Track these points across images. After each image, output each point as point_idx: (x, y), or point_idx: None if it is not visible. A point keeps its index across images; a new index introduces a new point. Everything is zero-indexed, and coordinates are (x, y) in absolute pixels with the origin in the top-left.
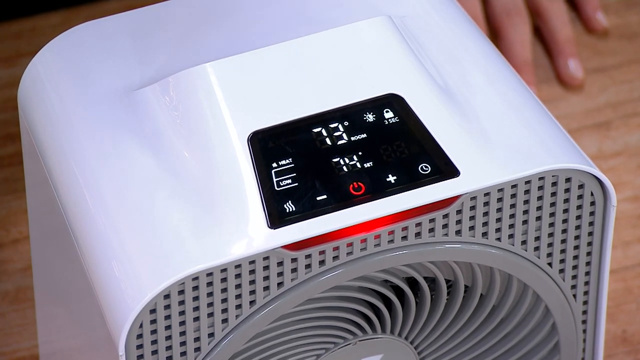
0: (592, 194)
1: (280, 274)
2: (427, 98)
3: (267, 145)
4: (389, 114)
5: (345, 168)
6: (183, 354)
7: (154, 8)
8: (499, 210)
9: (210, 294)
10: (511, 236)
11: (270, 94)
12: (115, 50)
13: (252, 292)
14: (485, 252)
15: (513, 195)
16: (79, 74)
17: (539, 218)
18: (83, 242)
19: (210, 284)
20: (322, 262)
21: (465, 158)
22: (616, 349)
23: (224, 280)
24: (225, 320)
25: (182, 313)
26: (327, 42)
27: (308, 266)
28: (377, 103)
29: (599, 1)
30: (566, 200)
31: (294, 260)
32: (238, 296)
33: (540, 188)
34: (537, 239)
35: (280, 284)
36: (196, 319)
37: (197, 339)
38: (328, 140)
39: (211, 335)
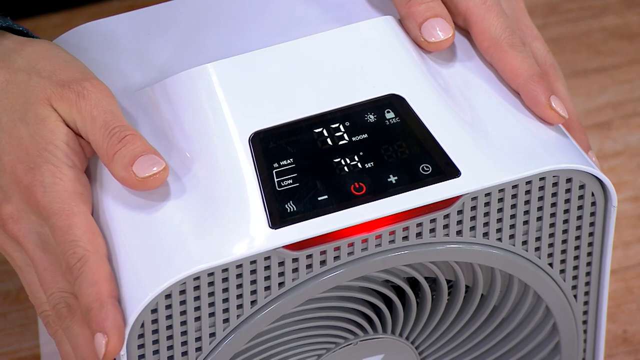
0: (592, 195)
1: (281, 274)
2: (429, 98)
3: (268, 146)
4: (390, 114)
5: (346, 168)
6: (184, 353)
7: (155, 8)
8: (500, 210)
9: (211, 294)
10: (512, 236)
11: (272, 94)
12: (116, 51)
13: (254, 292)
14: (486, 252)
15: (514, 196)
16: None
17: (539, 218)
18: None
19: (211, 283)
20: (323, 262)
21: (466, 158)
22: (617, 349)
23: (225, 280)
24: (226, 320)
25: (183, 313)
26: (329, 43)
27: (309, 266)
28: (378, 103)
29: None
30: (567, 201)
31: (295, 260)
32: (239, 296)
33: (541, 188)
34: (538, 239)
35: (281, 284)
36: (197, 318)
37: (198, 339)
38: (329, 141)
39: (212, 335)
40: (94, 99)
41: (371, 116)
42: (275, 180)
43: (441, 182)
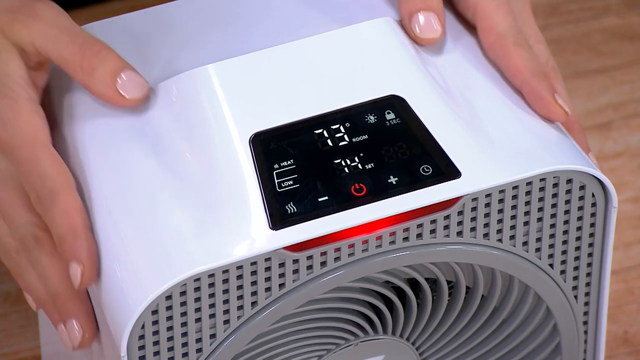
0: (593, 195)
1: (281, 275)
2: (429, 99)
3: (268, 147)
4: (390, 115)
5: (346, 169)
6: (185, 355)
7: (156, 9)
8: (500, 211)
9: (212, 295)
10: (512, 237)
11: (272, 95)
12: (117, 52)
13: (254, 293)
14: (486, 253)
15: (514, 197)
16: None
17: (540, 219)
18: None
19: (212, 285)
20: (323, 264)
21: (466, 159)
22: (617, 350)
23: (225, 281)
24: (227, 322)
25: (183, 314)
26: (329, 44)
27: (309, 267)
28: (378, 104)
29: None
30: (567, 202)
31: (295, 261)
32: (240, 297)
33: (542, 189)
34: (539, 240)
35: (281, 285)
36: (198, 320)
37: (198, 340)
38: (329, 142)
39: (213, 336)
40: (49, 17)
41: (371, 117)
42: (276, 181)
43: (441, 183)
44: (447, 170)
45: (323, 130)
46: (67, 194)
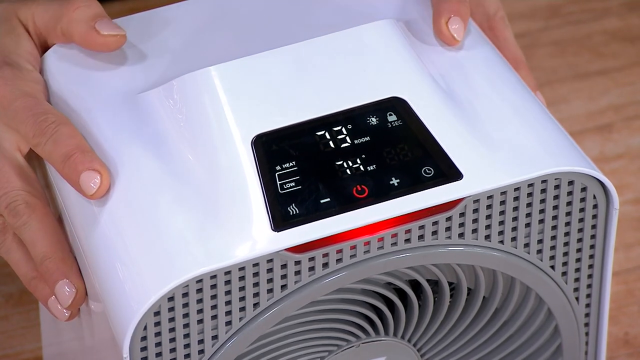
0: (594, 197)
1: (283, 277)
2: (431, 101)
3: (270, 148)
4: (392, 117)
5: (348, 171)
6: (187, 356)
7: (158, 11)
8: (502, 213)
9: (214, 297)
10: (514, 239)
11: (274, 97)
12: (119, 53)
13: (256, 295)
14: (488, 255)
15: (516, 198)
16: (83, 77)
17: (541, 221)
18: (87, 244)
19: (214, 286)
20: (325, 265)
21: (468, 161)
22: (618, 352)
23: (227, 282)
24: (229, 323)
25: (186, 315)
26: (331, 46)
27: (311, 269)
28: (380, 106)
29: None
30: (569, 203)
31: (297, 262)
32: (242, 299)
33: (543, 191)
34: (540, 242)
35: (283, 287)
36: (200, 321)
37: (200, 341)
38: (331, 143)
39: (215, 337)
40: None
41: (373, 119)
42: (278, 183)
43: (443, 184)
44: (448, 172)
45: (325, 132)
46: (71, 126)
